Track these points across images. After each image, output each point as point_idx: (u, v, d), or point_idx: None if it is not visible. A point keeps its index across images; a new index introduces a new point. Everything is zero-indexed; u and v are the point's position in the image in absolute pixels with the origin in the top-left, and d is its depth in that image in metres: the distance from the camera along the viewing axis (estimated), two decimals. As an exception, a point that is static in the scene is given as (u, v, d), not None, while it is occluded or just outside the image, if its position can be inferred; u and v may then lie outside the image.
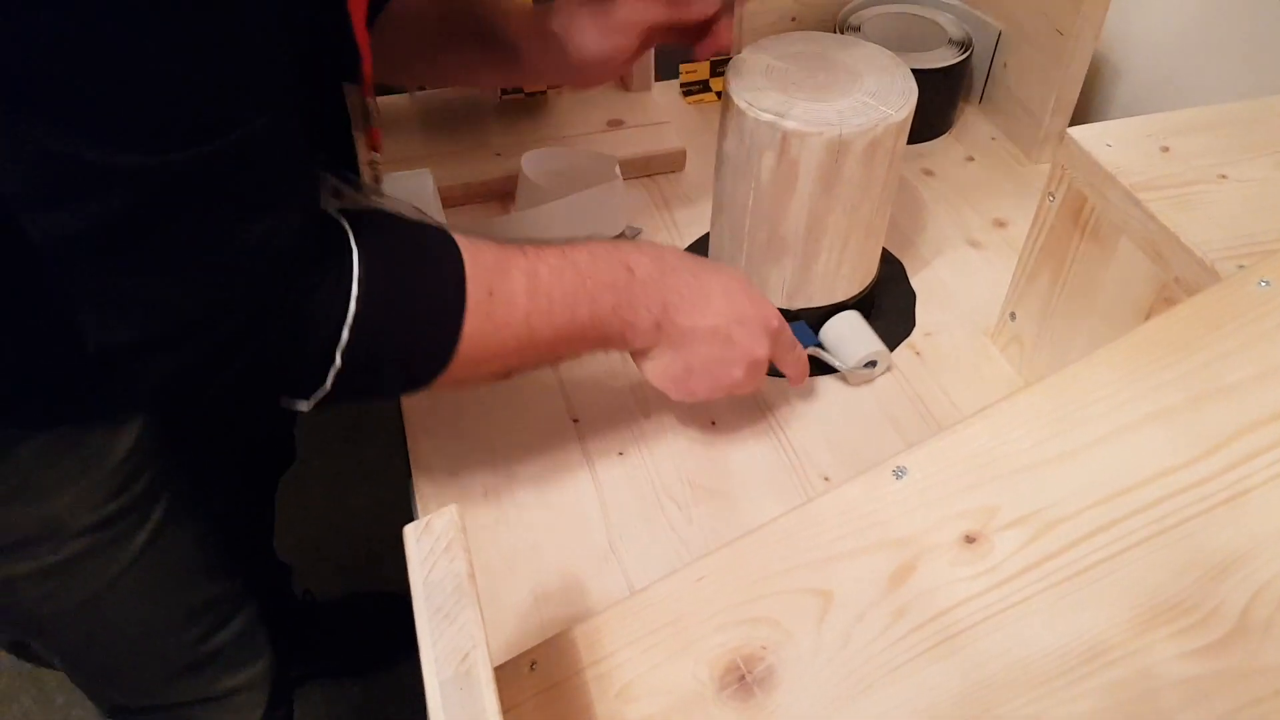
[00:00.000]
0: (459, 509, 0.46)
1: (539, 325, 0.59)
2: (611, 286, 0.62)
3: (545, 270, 0.60)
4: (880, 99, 0.70)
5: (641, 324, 0.64)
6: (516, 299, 0.58)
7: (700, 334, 0.65)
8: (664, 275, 0.65)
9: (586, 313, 0.61)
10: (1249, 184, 0.65)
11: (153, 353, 0.50)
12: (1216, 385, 0.49)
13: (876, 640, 0.46)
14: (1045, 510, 0.48)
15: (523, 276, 0.59)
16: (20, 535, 0.69)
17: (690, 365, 0.66)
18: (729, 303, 0.66)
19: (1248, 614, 0.42)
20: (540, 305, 0.59)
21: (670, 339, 0.65)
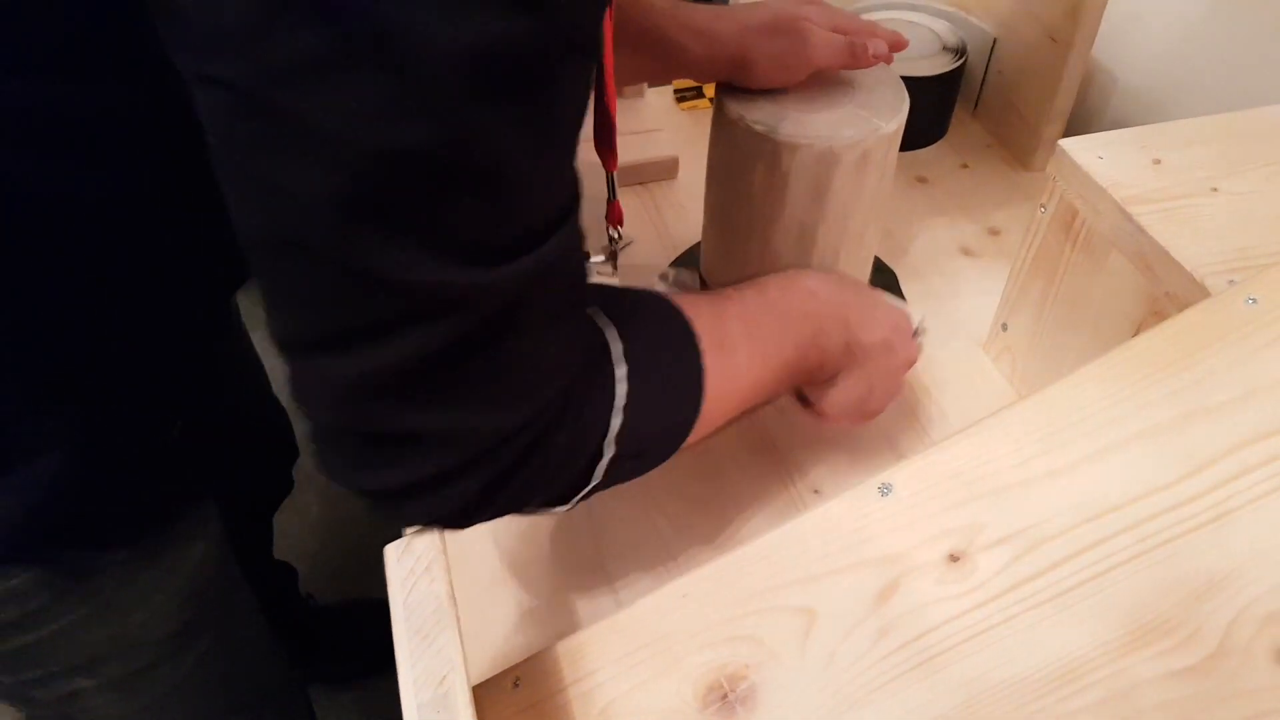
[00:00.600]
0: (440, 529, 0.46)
1: (760, 371, 0.59)
2: (804, 316, 0.62)
3: (755, 308, 0.60)
4: (871, 110, 0.70)
5: (832, 347, 0.63)
6: (739, 348, 0.57)
7: (875, 348, 0.65)
8: (838, 293, 0.65)
9: (792, 346, 0.61)
10: (1240, 197, 0.65)
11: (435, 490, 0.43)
12: (1203, 404, 0.48)
13: (860, 660, 0.46)
14: (1030, 529, 0.47)
15: (739, 323, 0.58)
16: (94, 653, 0.69)
17: (871, 383, 0.66)
18: (884, 311, 0.67)
19: (1230, 636, 0.42)
20: (758, 349, 0.59)
21: (854, 358, 0.64)
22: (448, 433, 0.41)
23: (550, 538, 0.71)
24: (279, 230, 0.36)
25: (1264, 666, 0.41)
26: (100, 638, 0.68)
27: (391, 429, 0.40)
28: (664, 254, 0.94)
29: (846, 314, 0.64)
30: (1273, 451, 0.46)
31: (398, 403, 0.39)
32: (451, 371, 0.40)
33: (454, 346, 0.39)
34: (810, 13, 0.73)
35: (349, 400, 0.40)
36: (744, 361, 0.58)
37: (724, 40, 0.72)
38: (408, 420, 0.40)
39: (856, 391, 0.65)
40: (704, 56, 0.73)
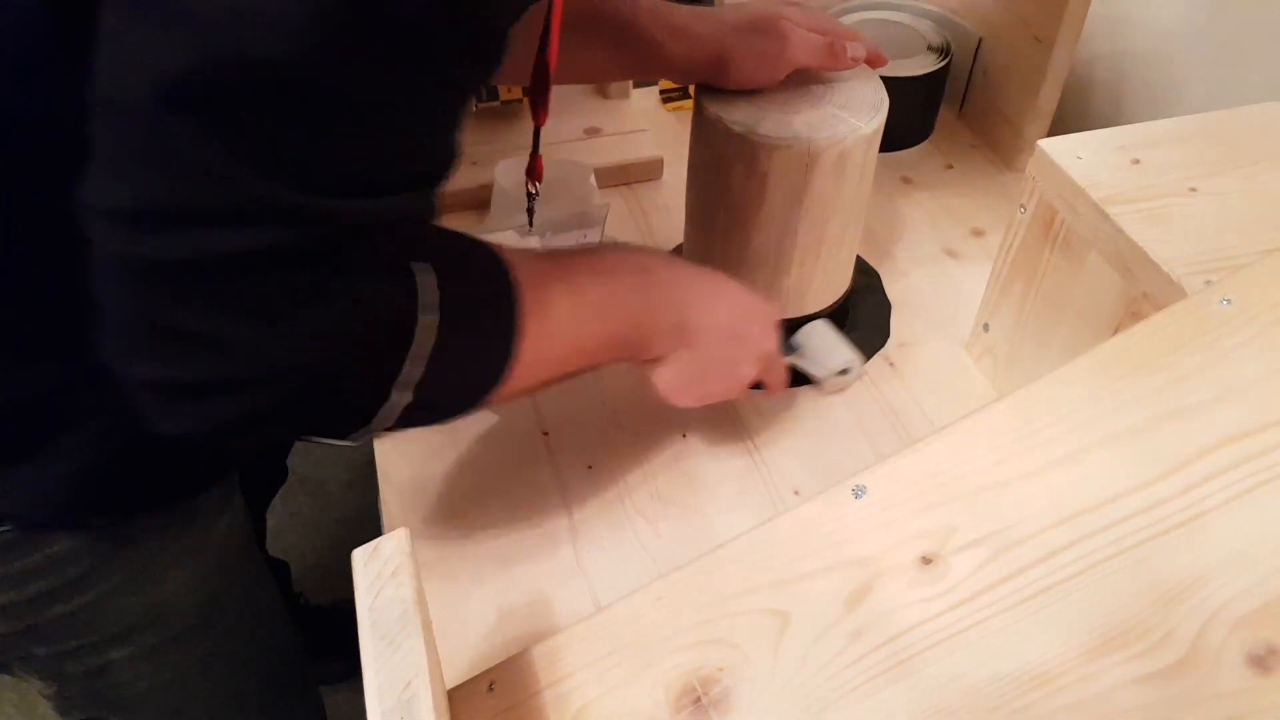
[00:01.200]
0: (407, 533, 0.45)
1: (580, 338, 0.59)
2: (639, 287, 0.62)
3: (583, 279, 0.60)
4: (850, 111, 0.70)
5: (663, 325, 0.63)
6: (561, 314, 0.57)
7: (714, 331, 0.65)
8: (675, 274, 0.65)
9: (620, 319, 0.61)
10: (1218, 197, 0.65)
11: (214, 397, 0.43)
12: (1176, 406, 0.48)
13: (832, 662, 0.46)
14: (1002, 531, 0.47)
15: (565, 289, 0.58)
16: (130, 622, 0.69)
17: (705, 366, 0.66)
18: (737, 299, 0.67)
19: (1200, 640, 0.42)
20: (583, 316, 0.59)
21: (687, 340, 0.64)
22: (241, 344, 0.41)
23: (528, 539, 0.70)
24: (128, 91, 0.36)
25: (1235, 671, 0.41)
26: (135, 605, 0.69)
27: (186, 324, 0.40)
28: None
29: (683, 296, 0.64)
30: (1245, 453, 0.46)
31: (200, 299, 0.40)
32: (261, 283, 0.40)
33: (268, 259, 0.39)
34: (790, 13, 0.73)
35: (155, 281, 0.40)
36: (563, 327, 0.58)
37: (702, 39, 0.72)
38: (205, 320, 0.40)
39: (687, 373, 0.65)
40: (682, 55, 0.73)
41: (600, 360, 0.63)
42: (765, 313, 0.68)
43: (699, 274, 0.67)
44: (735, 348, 0.66)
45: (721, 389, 0.67)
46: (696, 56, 0.72)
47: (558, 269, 0.59)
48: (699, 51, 0.72)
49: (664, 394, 0.66)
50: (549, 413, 0.78)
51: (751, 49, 0.71)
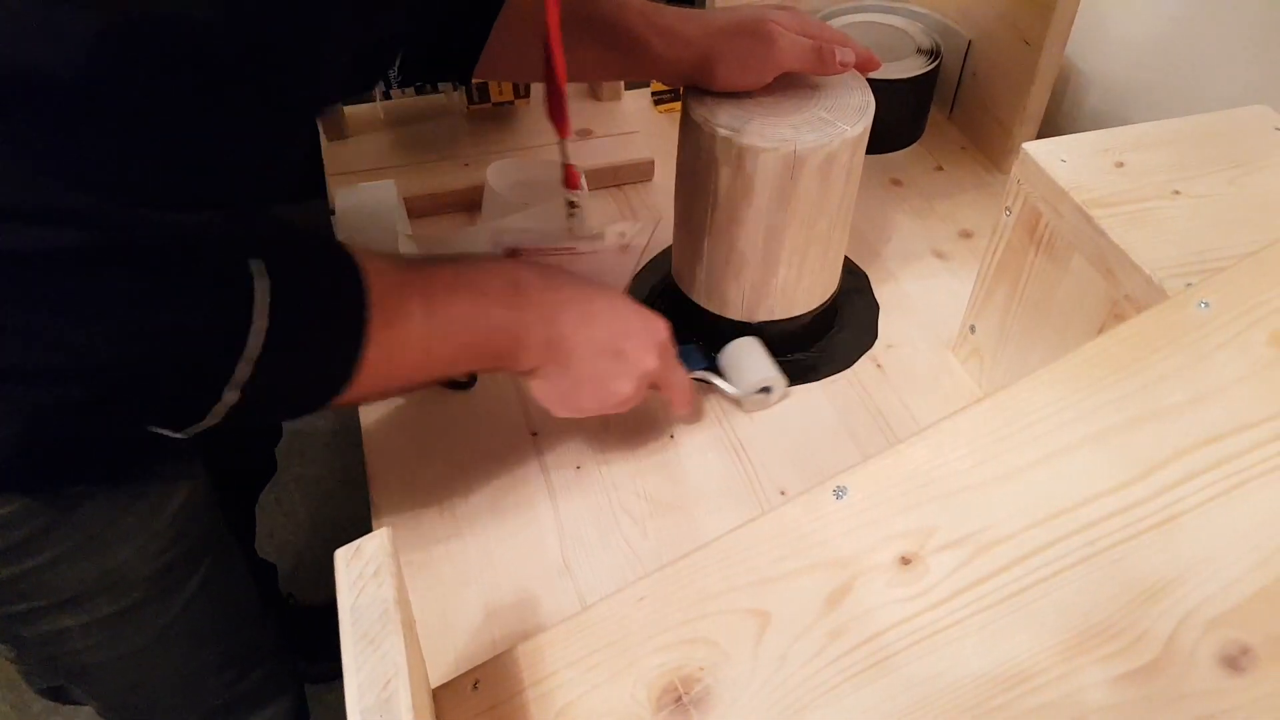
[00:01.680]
0: (390, 533, 0.46)
1: (437, 347, 0.59)
2: (503, 302, 0.62)
3: (442, 291, 0.59)
4: (836, 114, 0.70)
5: (531, 340, 0.63)
6: (415, 322, 0.58)
7: (587, 347, 0.65)
8: (550, 290, 0.65)
9: (482, 329, 0.61)
10: (1201, 200, 0.65)
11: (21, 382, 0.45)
12: (1153, 408, 0.49)
13: (812, 661, 0.46)
14: (981, 532, 0.48)
15: (421, 298, 0.58)
16: (80, 589, 0.70)
17: (578, 381, 0.66)
18: (615, 316, 0.67)
19: (1174, 639, 0.42)
20: (439, 328, 0.59)
21: (557, 355, 0.65)
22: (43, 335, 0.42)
23: (515, 539, 0.71)
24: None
25: (1208, 671, 0.41)
26: (86, 573, 0.69)
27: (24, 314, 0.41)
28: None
29: (555, 312, 0.64)
30: (1220, 455, 0.46)
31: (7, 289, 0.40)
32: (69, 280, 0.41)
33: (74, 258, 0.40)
34: (779, 16, 0.73)
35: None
36: (417, 337, 0.58)
37: (689, 41, 0.72)
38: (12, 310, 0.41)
39: (560, 386, 0.66)
40: (669, 57, 0.73)
41: (464, 369, 0.63)
42: (648, 331, 0.68)
43: (580, 291, 0.67)
44: (610, 365, 0.66)
45: (595, 404, 0.67)
46: (683, 58, 0.73)
47: (419, 279, 0.59)
48: (685, 53, 0.73)
49: (539, 404, 0.67)
50: (538, 413, 0.79)
51: (738, 52, 0.72)
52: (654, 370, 0.68)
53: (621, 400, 0.67)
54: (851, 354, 0.84)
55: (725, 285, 0.78)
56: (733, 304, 0.79)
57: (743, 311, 0.79)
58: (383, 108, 1.07)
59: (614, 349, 0.66)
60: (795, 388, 0.81)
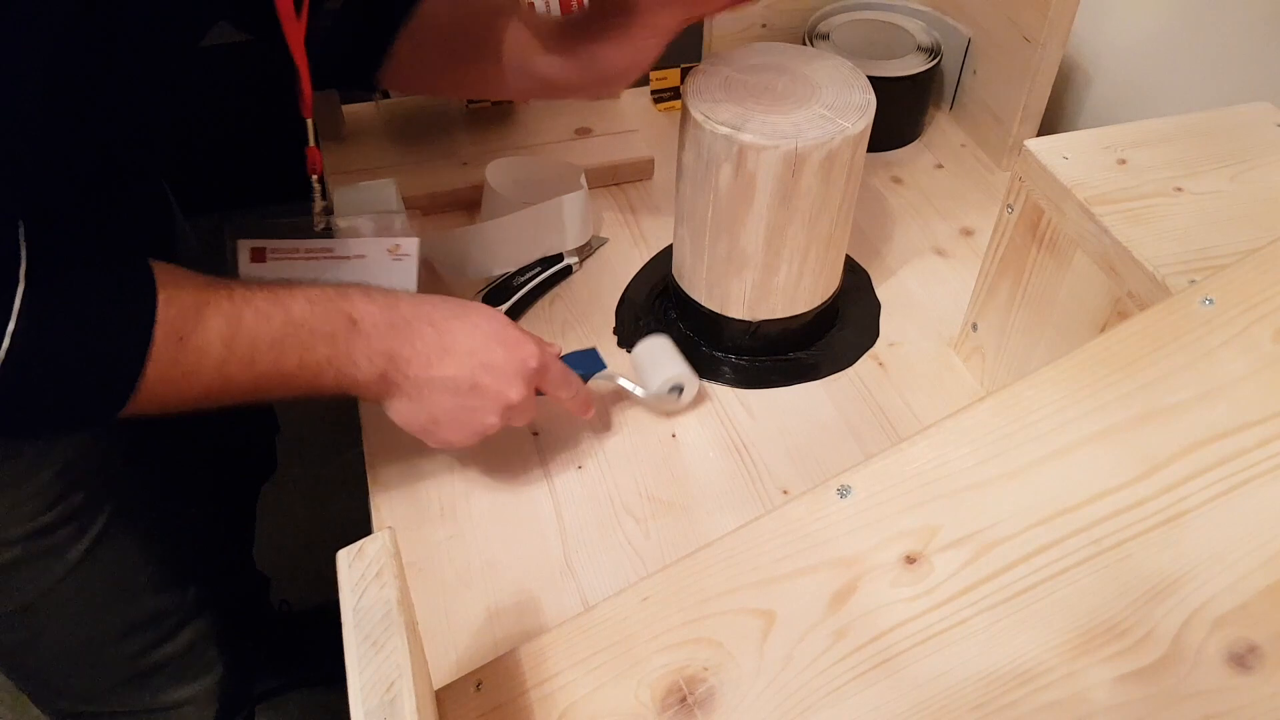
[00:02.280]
0: (392, 534, 0.46)
1: (236, 373, 0.58)
2: (328, 337, 0.61)
3: (250, 316, 0.58)
4: (837, 111, 0.70)
5: (362, 376, 0.62)
6: (211, 346, 0.56)
7: (439, 384, 0.64)
8: (394, 326, 0.63)
9: (295, 361, 0.60)
10: (1204, 197, 0.65)
11: None
12: (1158, 405, 0.48)
13: (817, 661, 0.46)
14: (985, 531, 0.47)
15: (223, 322, 0.57)
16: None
17: (434, 416, 0.65)
18: (473, 350, 0.65)
19: (1181, 638, 0.42)
20: (240, 353, 0.57)
21: (404, 391, 0.64)
22: None
23: (517, 539, 0.71)
24: None
25: (1215, 669, 0.41)
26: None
27: None
28: (638, 254, 0.94)
29: (393, 346, 0.63)
30: (1226, 453, 0.46)
31: None
32: None
33: None
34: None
35: None
36: (214, 360, 0.57)
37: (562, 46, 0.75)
38: None
39: (417, 419, 0.65)
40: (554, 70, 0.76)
41: (279, 394, 0.61)
42: (510, 361, 0.66)
43: (434, 323, 0.65)
44: (466, 400, 0.65)
45: (460, 437, 0.66)
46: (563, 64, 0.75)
47: (226, 301, 0.57)
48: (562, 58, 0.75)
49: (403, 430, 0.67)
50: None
51: (606, 30, 0.72)
52: (519, 400, 0.66)
53: (487, 429, 0.66)
54: (853, 352, 0.84)
55: (727, 283, 0.78)
56: (734, 302, 0.79)
57: (744, 310, 0.79)
58: (380, 107, 1.06)
59: (470, 384, 0.65)
60: (797, 386, 0.81)
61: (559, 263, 0.90)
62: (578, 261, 0.91)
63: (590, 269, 0.92)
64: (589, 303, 0.89)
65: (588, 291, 0.90)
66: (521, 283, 0.87)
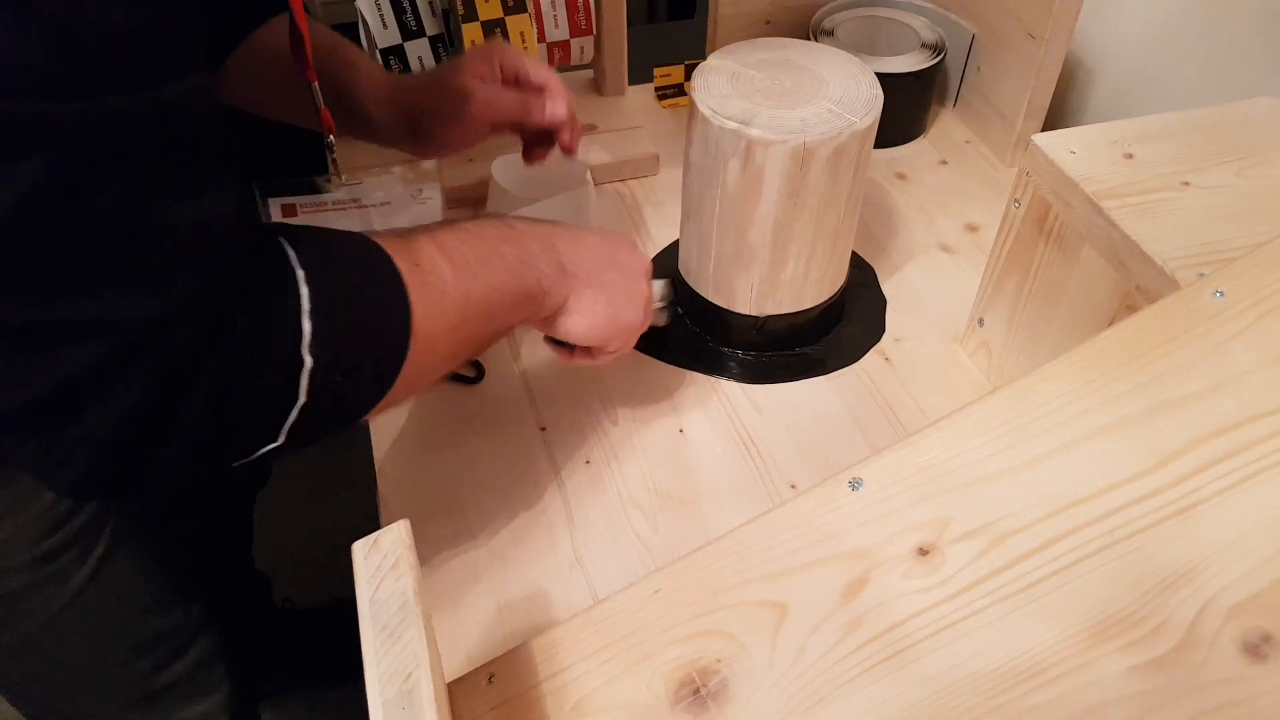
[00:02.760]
0: (408, 525, 0.46)
1: (470, 286, 0.57)
2: (507, 239, 0.61)
3: (449, 238, 0.58)
4: (845, 106, 0.70)
5: (548, 269, 0.63)
6: (439, 265, 0.56)
7: (599, 263, 0.65)
8: (537, 225, 0.65)
9: (501, 268, 0.60)
10: (1211, 191, 0.65)
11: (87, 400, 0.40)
12: (1169, 397, 0.49)
13: (830, 653, 0.46)
14: (997, 522, 0.47)
15: (433, 246, 0.57)
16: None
17: (611, 298, 0.65)
18: (592, 232, 0.68)
19: (1195, 627, 0.42)
20: (461, 267, 0.57)
21: (577, 279, 0.64)
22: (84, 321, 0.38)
23: (526, 534, 0.71)
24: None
25: (1230, 658, 0.41)
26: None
27: None
28: (644, 249, 0.93)
29: (551, 240, 0.64)
30: (1238, 444, 0.46)
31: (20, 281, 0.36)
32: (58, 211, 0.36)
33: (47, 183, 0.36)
34: (479, 68, 0.76)
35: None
36: (450, 279, 0.56)
37: (399, 104, 0.77)
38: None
39: (598, 312, 0.65)
40: (383, 120, 0.77)
41: (508, 320, 0.61)
42: (621, 235, 0.69)
43: (549, 223, 0.66)
44: (622, 272, 0.66)
45: (635, 315, 0.67)
46: (395, 121, 0.77)
47: (421, 234, 0.57)
48: (396, 116, 0.77)
49: (585, 343, 0.66)
50: (546, 409, 0.79)
51: (441, 110, 0.75)
52: (651, 269, 0.69)
53: (648, 303, 0.69)
54: (859, 348, 0.84)
55: (734, 279, 0.78)
56: (741, 297, 0.79)
57: (751, 305, 0.79)
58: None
59: (613, 259, 0.66)
60: (804, 381, 0.81)
61: (565, 258, 0.90)
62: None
63: (596, 265, 0.92)
64: (595, 299, 0.89)
65: (594, 287, 0.90)
66: (528, 278, 0.87)
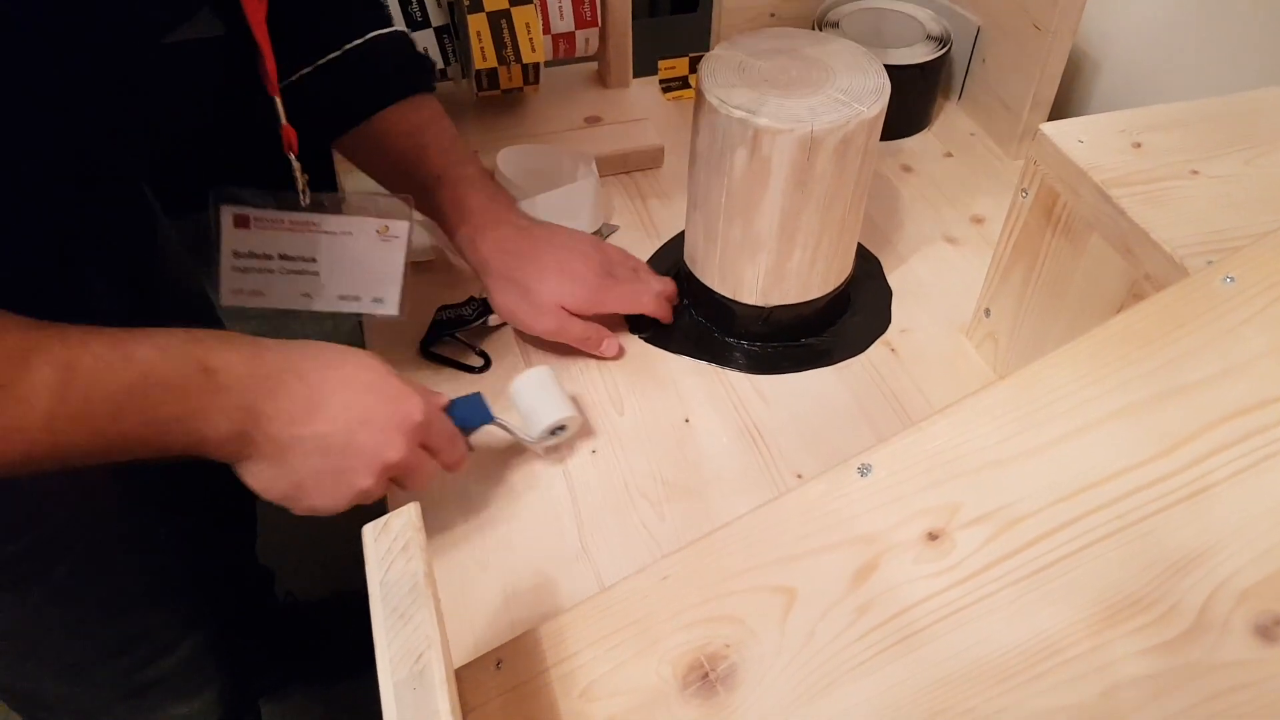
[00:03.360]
0: (418, 508, 0.46)
1: (68, 429, 0.50)
2: (178, 390, 0.54)
3: (89, 364, 0.51)
4: (852, 95, 0.70)
5: (216, 435, 0.55)
6: (37, 397, 0.49)
7: (306, 444, 0.58)
8: (258, 379, 0.57)
9: (137, 420, 0.53)
10: (1219, 180, 0.65)
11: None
12: (1179, 383, 0.49)
13: (839, 638, 0.46)
14: (1007, 508, 0.48)
15: (53, 371, 0.49)
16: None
17: (299, 480, 0.59)
18: (349, 403, 0.59)
19: (1206, 611, 0.42)
20: (72, 408, 0.50)
21: (265, 451, 0.57)
22: None
23: (532, 522, 0.71)
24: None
25: (1242, 640, 0.41)
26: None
27: None
28: (649, 240, 0.94)
29: (255, 401, 0.56)
30: (1249, 428, 0.46)
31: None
32: None
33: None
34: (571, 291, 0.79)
35: None
36: (40, 415, 0.49)
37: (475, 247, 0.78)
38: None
39: (277, 485, 0.59)
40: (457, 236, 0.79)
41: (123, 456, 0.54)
42: (396, 417, 0.61)
43: (304, 376, 0.59)
44: (339, 459, 0.59)
45: (328, 502, 0.60)
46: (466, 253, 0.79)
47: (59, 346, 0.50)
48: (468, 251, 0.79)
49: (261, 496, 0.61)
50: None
51: (506, 297, 0.78)
52: (399, 460, 0.61)
53: (361, 493, 0.61)
54: (865, 338, 0.84)
55: (740, 269, 0.78)
56: (747, 288, 0.79)
57: (757, 295, 0.79)
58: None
59: (342, 443, 0.59)
60: (810, 372, 0.81)
61: (571, 249, 0.90)
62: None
63: (601, 256, 0.92)
64: (600, 289, 0.89)
65: (599, 278, 0.90)
66: (533, 269, 0.87)
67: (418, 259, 0.89)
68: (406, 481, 0.64)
